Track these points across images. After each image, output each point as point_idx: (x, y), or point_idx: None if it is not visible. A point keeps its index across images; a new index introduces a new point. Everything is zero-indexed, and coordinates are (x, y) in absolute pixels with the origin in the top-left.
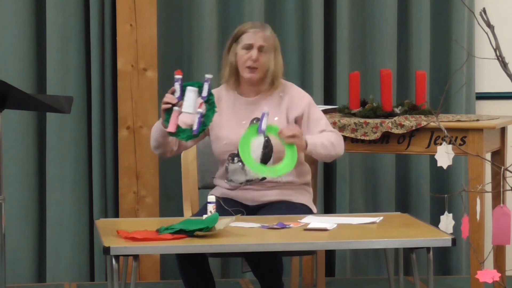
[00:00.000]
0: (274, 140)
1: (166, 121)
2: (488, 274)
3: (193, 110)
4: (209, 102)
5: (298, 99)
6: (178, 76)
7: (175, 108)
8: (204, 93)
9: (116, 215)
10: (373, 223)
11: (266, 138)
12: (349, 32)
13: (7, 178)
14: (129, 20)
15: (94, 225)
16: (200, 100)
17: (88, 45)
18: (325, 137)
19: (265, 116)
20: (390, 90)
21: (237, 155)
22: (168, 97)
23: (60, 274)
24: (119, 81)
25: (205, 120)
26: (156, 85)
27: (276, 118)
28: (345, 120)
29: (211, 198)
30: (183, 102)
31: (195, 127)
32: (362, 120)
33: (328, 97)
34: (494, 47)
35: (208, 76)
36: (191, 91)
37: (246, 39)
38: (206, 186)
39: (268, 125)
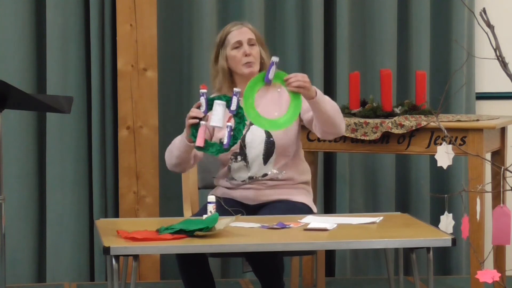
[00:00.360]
0: (276, 136)
1: (193, 136)
2: (488, 274)
3: (222, 124)
4: (239, 115)
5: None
6: (203, 90)
7: (202, 122)
8: (233, 106)
9: (116, 215)
10: (373, 223)
11: (269, 135)
12: (349, 32)
13: (7, 178)
14: (129, 20)
15: (94, 225)
16: (229, 114)
17: (88, 45)
18: (335, 104)
19: (273, 64)
20: (390, 90)
21: (240, 153)
22: (195, 112)
23: (60, 274)
24: (119, 81)
25: (235, 134)
26: (156, 85)
27: (276, 114)
28: (345, 120)
29: (211, 198)
30: (209, 116)
31: (225, 140)
32: (362, 120)
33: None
34: (494, 47)
35: (236, 89)
36: (219, 105)
37: (232, 38)
38: (206, 186)
39: (276, 72)
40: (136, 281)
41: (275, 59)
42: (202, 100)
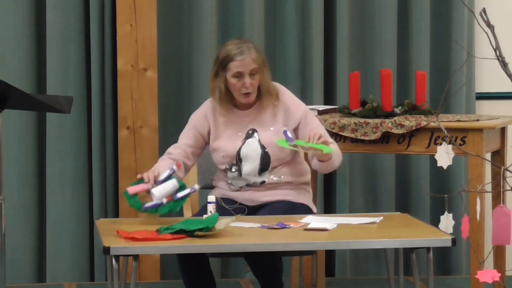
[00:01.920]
0: (272, 151)
1: (132, 184)
2: (488, 274)
3: (159, 197)
4: (176, 204)
5: (294, 109)
6: (174, 168)
7: (150, 185)
8: (180, 194)
9: (116, 215)
10: (373, 223)
11: (265, 149)
12: (349, 32)
13: (7, 178)
14: (129, 20)
15: (94, 225)
16: (172, 194)
17: (88, 45)
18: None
19: (287, 132)
20: (390, 90)
21: (235, 164)
22: (150, 176)
23: (60, 274)
24: (119, 81)
25: (160, 209)
26: (156, 85)
27: (272, 128)
28: (345, 120)
29: (211, 198)
30: (158, 184)
31: (149, 204)
32: (362, 120)
33: (328, 97)
34: (494, 47)
35: (196, 187)
36: (172, 183)
37: (235, 67)
38: (206, 186)
39: (296, 141)
40: (136, 281)
41: (285, 128)
42: (166, 172)
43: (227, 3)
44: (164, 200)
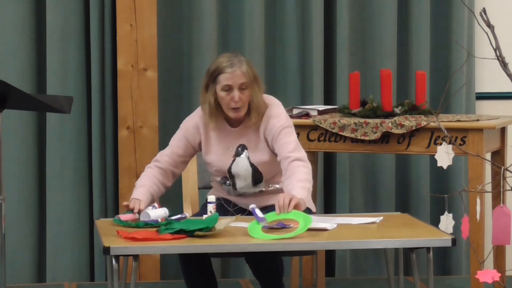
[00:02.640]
0: (263, 168)
1: (127, 212)
2: (488, 274)
3: (155, 217)
4: (164, 225)
5: (272, 123)
6: (156, 205)
7: (136, 214)
8: (173, 217)
9: (116, 215)
10: (373, 223)
11: (255, 168)
12: (349, 32)
13: (7, 178)
14: (129, 20)
15: (94, 225)
16: (164, 218)
17: (88, 45)
18: (303, 177)
19: (254, 210)
20: (390, 90)
21: (229, 179)
22: (136, 206)
23: (60, 274)
24: (119, 81)
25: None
26: (156, 85)
27: (259, 146)
28: (345, 120)
29: (211, 198)
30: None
31: (145, 219)
32: (362, 120)
33: (328, 97)
34: (494, 47)
35: (187, 215)
36: (163, 209)
37: (224, 80)
38: (206, 186)
39: (265, 215)
40: (136, 281)
41: (252, 206)
42: (151, 207)
43: (227, 3)
44: (159, 220)
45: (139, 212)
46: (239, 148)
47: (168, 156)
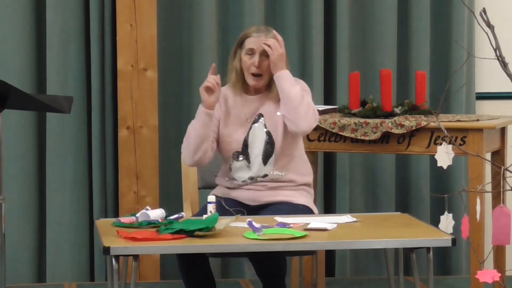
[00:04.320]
0: (276, 137)
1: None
2: (488, 274)
3: (154, 217)
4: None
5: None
6: (148, 208)
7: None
8: (172, 217)
9: (116, 215)
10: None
11: (270, 135)
12: (349, 32)
13: (7, 178)
14: (129, 20)
15: (94, 225)
16: (162, 218)
17: (88, 45)
18: (301, 93)
19: (251, 222)
20: (390, 90)
21: (242, 153)
22: (211, 80)
23: (60, 274)
24: (119, 81)
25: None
26: (156, 85)
27: (278, 113)
28: (345, 120)
29: (211, 198)
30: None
31: (144, 219)
32: (362, 120)
33: (328, 97)
34: (494, 47)
35: (183, 214)
36: (160, 210)
37: (248, 44)
38: (206, 186)
39: (264, 230)
40: (136, 281)
41: (249, 221)
42: (150, 213)
43: (227, 3)
44: (159, 220)
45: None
46: (256, 117)
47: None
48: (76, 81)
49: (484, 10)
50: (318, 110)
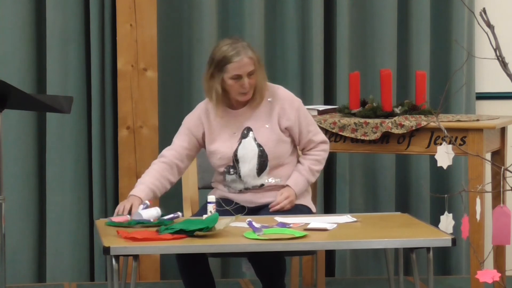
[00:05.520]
0: (269, 148)
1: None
2: (488, 274)
3: (147, 217)
4: (159, 223)
5: (289, 107)
6: (147, 203)
7: (128, 216)
8: (167, 217)
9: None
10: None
11: (261, 148)
12: (349, 32)
13: (7, 178)
14: (129, 20)
15: (94, 225)
16: (157, 218)
17: (88, 45)
18: (308, 168)
19: (251, 222)
20: (390, 90)
21: (233, 166)
22: (126, 207)
23: (60, 274)
24: (119, 81)
25: (144, 221)
26: (156, 85)
27: (267, 126)
28: (345, 120)
29: (211, 198)
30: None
31: (137, 218)
32: (362, 120)
33: (328, 97)
34: (494, 47)
35: (180, 214)
36: (155, 209)
37: (232, 70)
38: (206, 186)
39: (264, 230)
40: (136, 281)
41: (249, 220)
42: (141, 207)
43: (227, 3)
44: (151, 220)
45: (130, 213)
46: (245, 131)
47: (173, 150)
48: (76, 81)
49: (484, 10)
50: (318, 110)
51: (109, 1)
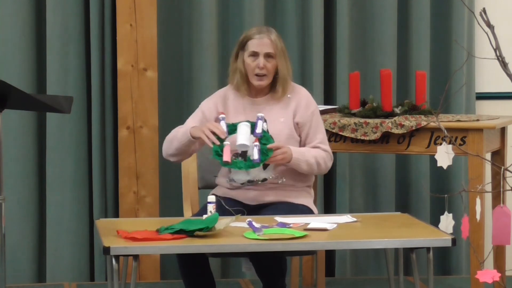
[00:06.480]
0: (279, 142)
1: (216, 154)
2: (488, 274)
3: (250, 143)
4: (265, 137)
5: (305, 107)
6: (223, 115)
7: (226, 142)
8: (259, 129)
9: (116, 215)
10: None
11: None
12: (349, 32)
13: (7, 178)
14: (129, 20)
15: (94, 225)
16: (253, 137)
17: (88, 45)
18: (313, 154)
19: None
20: (390, 90)
21: (241, 155)
22: (219, 131)
23: (60, 274)
24: (119, 81)
25: (264, 151)
26: (156, 85)
27: (282, 119)
28: (345, 120)
29: (211, 198)
30: (230, 136)
31: (256, 156)
32: (362, 120)
33: (328, 97)
34: (494, 47)
35: (260, 114)
36: (246, 126)
37: (251, 46)
38: (206, 186)
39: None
40: (136, 281)
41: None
42: (223, 123)
43: (227, 3)
44: (256, 143)
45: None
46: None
47: (184, 128)
48: (76, 81)
49: (484, 10)
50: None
51: (109, 1)
